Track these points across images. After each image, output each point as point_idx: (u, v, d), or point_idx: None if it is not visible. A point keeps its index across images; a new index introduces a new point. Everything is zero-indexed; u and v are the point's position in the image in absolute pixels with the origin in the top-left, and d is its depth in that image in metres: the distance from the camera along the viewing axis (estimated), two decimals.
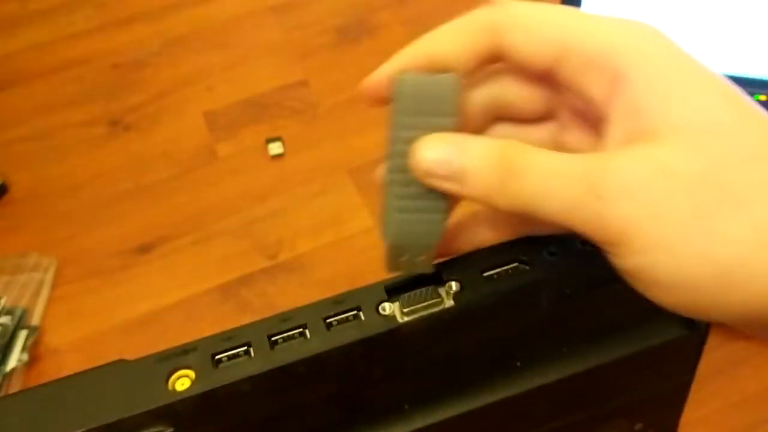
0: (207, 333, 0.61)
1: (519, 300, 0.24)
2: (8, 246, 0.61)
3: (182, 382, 0.22)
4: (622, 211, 0.19)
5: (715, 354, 0.51)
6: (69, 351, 0.55)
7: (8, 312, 0.55)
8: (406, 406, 0.26)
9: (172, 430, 0.22)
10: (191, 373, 0.22)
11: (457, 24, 0.23)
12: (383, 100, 0.23)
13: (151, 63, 0.75)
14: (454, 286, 0.24)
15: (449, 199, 0.23)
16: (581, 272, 0.24)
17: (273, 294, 0.57)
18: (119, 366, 0.23)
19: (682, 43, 0.22)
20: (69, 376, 0.23)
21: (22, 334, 0.54)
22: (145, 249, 0.60)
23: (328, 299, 0.24)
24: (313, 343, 0.23)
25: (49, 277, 0.59)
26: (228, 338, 0.23)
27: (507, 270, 0.24)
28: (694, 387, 0.50)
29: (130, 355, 0.58)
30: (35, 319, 0.56)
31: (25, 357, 0.53)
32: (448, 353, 0.25)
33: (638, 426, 0.33)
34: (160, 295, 0.58)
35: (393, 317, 0.23)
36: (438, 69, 0.23)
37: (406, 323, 0.23)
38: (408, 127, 0.22)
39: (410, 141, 0.22)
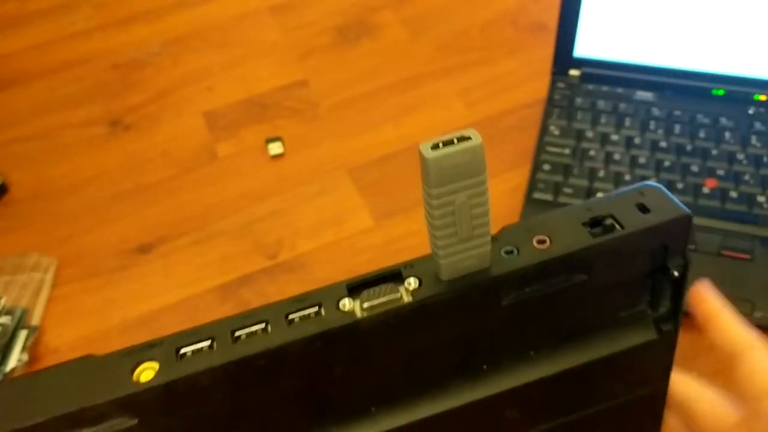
0: None
1: (477, 298, 0.25)
2: (8, 246, 0.61)
3: (146, 374, 0.23)
4: None
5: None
6: (69, 351, 0.55)
7: (8, 312, 0.55)
8: (373, 409, 0.27)
9: (136, 421, 0.23)
10: (155, 365, 0.23)
11: None
12: None
13: (151, 63, 0.75)
14: (413, 282, 0.25)
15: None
16: (539, 271, 0.25)
17: (273, 294, 0.57)
18: (87, 360, 0.23)
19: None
20: (37, 371, 0.23)
21: (22, 334, 0.54)
22: (145, 249, 0.60)
23: (291, 298, 0.25)
24: (274, 336, 0.24)
25: (49, 277, 0.59)
26: (193, 334, 0.24)
27: None
28: None
29: None
30: (35, 319, 0.56)
31: (25, 357, 0.53)
32: (410, 353, 0.26)
33: None
34: (160, 295, 0.58)
35: (352, 312, 0.24)
36: None
37: (365, 318, 0.24)
38: (446, 194, 0.23)
39: (449, 203, 0.23)
